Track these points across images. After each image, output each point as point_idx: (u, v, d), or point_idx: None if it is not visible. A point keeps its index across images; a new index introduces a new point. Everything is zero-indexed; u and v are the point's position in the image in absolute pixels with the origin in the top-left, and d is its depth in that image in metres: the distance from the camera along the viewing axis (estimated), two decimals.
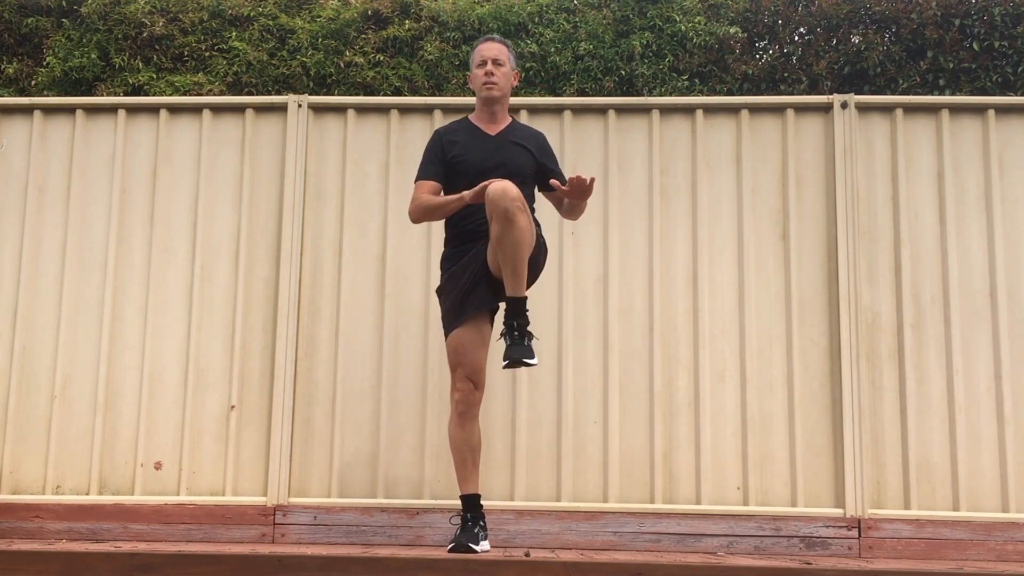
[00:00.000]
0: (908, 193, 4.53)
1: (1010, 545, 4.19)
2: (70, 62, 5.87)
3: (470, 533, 3.62)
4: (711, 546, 4.23)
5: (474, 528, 3.65)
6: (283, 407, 4.42)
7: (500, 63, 3.83)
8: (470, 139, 3.84)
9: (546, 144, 3.95)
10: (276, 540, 4.28)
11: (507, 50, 3.88)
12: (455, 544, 3.57)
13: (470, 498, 3.72)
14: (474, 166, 3.74)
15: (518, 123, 3.99)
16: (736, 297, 4.48)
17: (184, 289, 4.56)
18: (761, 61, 5.86)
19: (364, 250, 4.58)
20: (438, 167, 3.84)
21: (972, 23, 5.60)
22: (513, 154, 3.80)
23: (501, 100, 3.87)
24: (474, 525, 3.66)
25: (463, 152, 3.80)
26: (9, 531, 4.30)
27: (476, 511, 3.71)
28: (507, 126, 3.90)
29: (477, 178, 3.61)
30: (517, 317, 3.54)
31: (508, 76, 3.87)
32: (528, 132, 3.96)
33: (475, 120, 3.91)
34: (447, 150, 3.83)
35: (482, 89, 3.83)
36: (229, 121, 4.69)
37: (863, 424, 4.33)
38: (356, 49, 5.87)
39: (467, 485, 3.72)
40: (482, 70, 3.82)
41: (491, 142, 3.83)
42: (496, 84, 3.81)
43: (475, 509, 3.71)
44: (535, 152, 3.85)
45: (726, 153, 4.61)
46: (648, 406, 4.42)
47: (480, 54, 3.85)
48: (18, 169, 4.69)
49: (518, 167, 3.77)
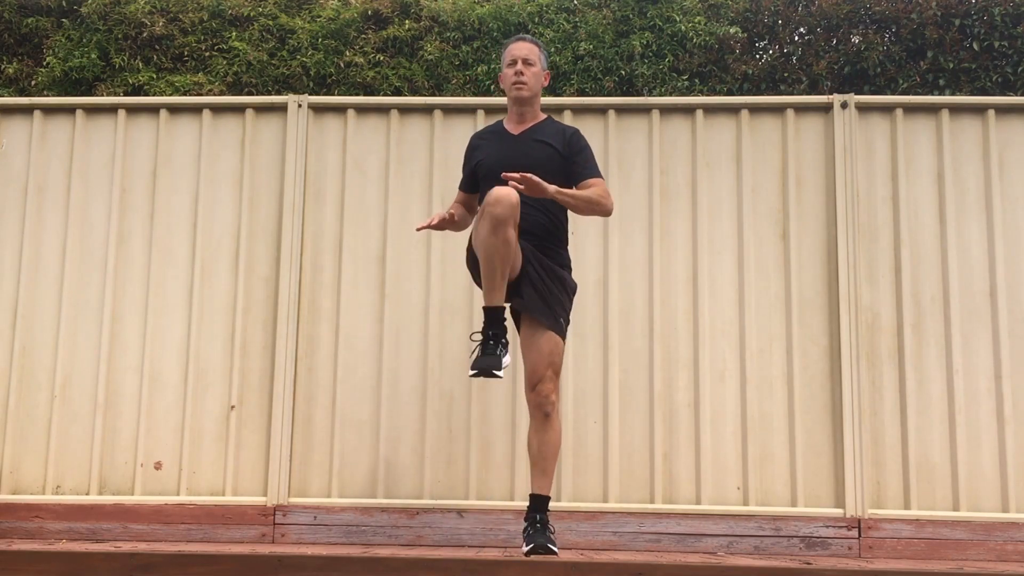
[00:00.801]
0: (908, 193, 4.53)
1: (1010, 545, 4.19)
2: (70, 62, 5.87)
3: (492, 355, 3.47)
4: (711, 546, 4.23)
5: (496, 348, 3.49)
6: (283, 407, 4.42)
7: (530, 63, 3.79)
8: (494, 141, 3.83)
9: (576, 139, 3.79)
10: (276, 540, 4.28)
11: (538, 50, 3.84)
12: (477, 367, 3.47)
13: (494, 311, 3.50)
14: (491, 168, 3.71)
15: (551, 121, 3.89)
16: (736, 297, 4.48)
17: (184, 289, 4.56)
18: (761, 61, 5.86)
19: (364, 250, 4.58)
20: (465, 176, 3.88)
21: (972, 23, 5.60)
22: (531, 152, 3.72)
23: (531, 100, 3.81)
24: (496, 344, 3.50)
25: (484, 155, 3.79)
26: (9, 531, 4.30)
27: (499, 326, 3.51)
28: (533, 125, 3.83)
29: (494, 180, 3.57)
30: (492, 326, 3.51)
31: (538, 76, 3.82)
32: (555, 128, 3.83)
33: (506, 122, 3.90)
34: (472, 156, 3.85)
35: (511, 89, 3.79)
36: (229, 121, 4.69)
37: (863, 424, 4.33)
38: (356, 49, 5.87)
39: (493, 296, 3.48)
40: (512, 70, 3.78)
41: (511, 142, 3.79)
42: (526, 84, 3.77)
43: (498, 324, 3.51)
44: (560, 148, 3.74)
45: (726, 153, 4.61)
46: (648, 406, 4.42)
47: (511, 54, 3.82)
48: (18, 169, 4.69)
49: (535, 163, 3.65)
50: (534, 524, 3.48)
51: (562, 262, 3.72)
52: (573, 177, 3.72)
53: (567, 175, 3.71)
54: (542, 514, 3.51)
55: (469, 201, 3.87)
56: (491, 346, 3.48)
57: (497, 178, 3.53)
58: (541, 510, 3.52)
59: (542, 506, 3.53)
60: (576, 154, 3.74)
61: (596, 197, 3.65)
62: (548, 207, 3.65)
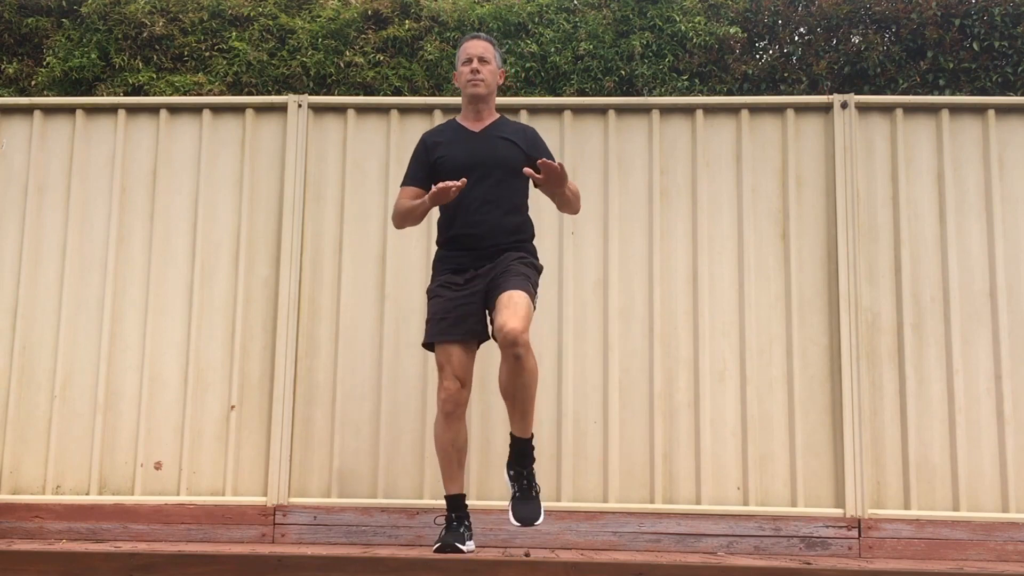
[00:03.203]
0: (908, 193, 4.53)
1: (1010, 545, 4.18)
2: (70, 62, 5.87)
3: (456, 533, 3.62)
4: (711, 546, 4.23)
5: (459, 528, 3.65)
6: (283, 407, 4.42)
7: (486, 60, 3.82)
8: (454, 138, 3.84)
9: (537, 138, 3.90)
10: (276, 540, 4.28)
11: (492, 48, 3.88)
12: (441, 544, 3.55)
13: (455, 498, 3.71)
14: (456, 163, 3.73)
15: (507, 119, 3.96)
16: (736, 297, 4.48)
17: (184, 289, 4.56)
18: (761, 61, 5.86)
19: (364, 250, 4.58)
20: (420, 172, 3.85)
21: (972, 23, 5.60)
22: (497, 148, 3.77)
23: (487, 97, 3.85)
24: (459, 525, 3.66)
25: (446, 151, 3.79)
26: (9, 531, 4.30)
27: (461, 511, 3.71)
28: (493, 122, 3.88)
29: (460, 175, 3.62)
30: (524, 464, 3.61)
31: (494, 73, 3.86)
32: (516, 126, 3.92)
33: (461, 119, 3.91)
34: (431, 153, 3.83)
35: (467, 86, 3.82)
36: (229, 121, 4.69)
37: (863, 424, 4.33)
38: (356, 49, 5.87)
39: (452, 485, 3.71)
40: (468, 67, 3.81)
41: (475, 139, 3.81)
42: (482, 81, 3.80)
43: (460, 509, 3.71)
44: (523, 145, 3.80)
45: (726, 153, 4.61)
46: (648, 406, 4.42)
47: (465, 52, 3.84)
48: (18, 169, 4.69)
49: (502, 160, 3.74)
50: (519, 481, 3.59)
51: (531, 252, 3.82)
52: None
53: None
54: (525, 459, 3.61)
55: (419, 196, 3.82)
56: (455, 526, 3.64)
57: (462, 173, 3.63)
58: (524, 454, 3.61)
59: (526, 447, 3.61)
60: (539, 151, 3.83)
61: (577, 192, 3.85)
62: (519, 207, 3.79)
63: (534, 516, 3.55)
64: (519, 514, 3.55)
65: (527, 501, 3.57)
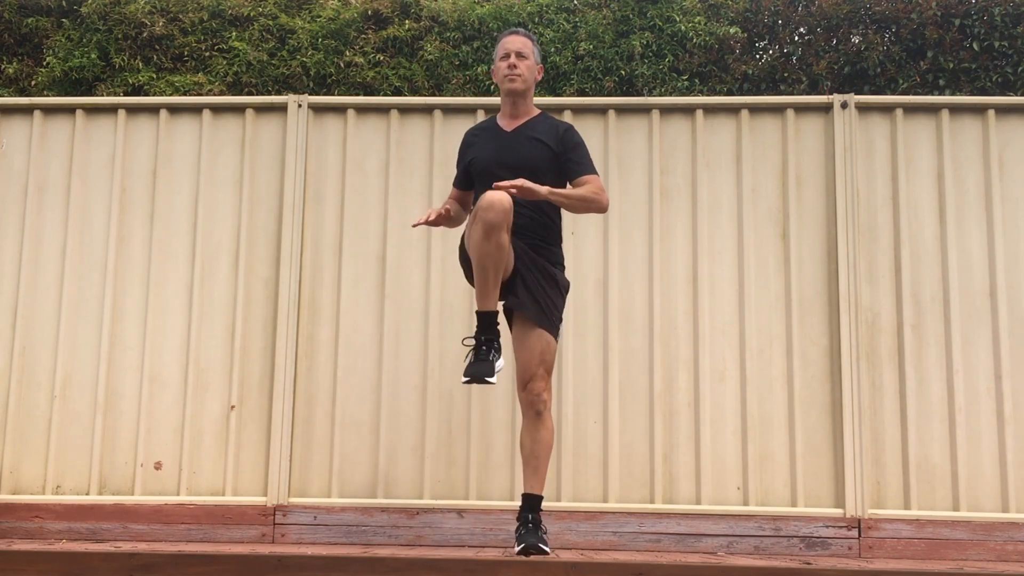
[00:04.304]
0: (908, 193, 4.53)
1: (1010, 545, 4.19)
2: (70, 62, 5.87)
3: (485, 363, 3.48)
4: (711, 546, 4.23)
5: (488, 353, 3.50)
6: (283, 407, 4.42)
7: (523, 56, 3.75)
8: (487, 138, 3.80)
9: (569, 135, 3.74)
10: (276, 540, 4.28)
11: (531, 43, 3.82)
12: (470, 376, 3.48)
13: (487, 316, 3.50)
14: (484, 164, 3.71)
15: (545, 116, 3.85)
16: (736, 297, 4.48)
17: (184, 289, 4.56)
18: (761, 61, 5.86)
19: (364, 250, 4.58)
20: (460, 173, 3.87)
21: (972, 23, 5.60)
22: (523, 150, 3.69)
23: (524, 93, 3.77)
24: (488, 350, 3.50)
25: (477, 153, 3.78)
26: (9, 531, 4.30)
27: (492, 331, 3.51)
28: (527, 121, 3.79)
29: (486, 178, 3.58)
30: (485, 331, 3.52)
31: (532, 69, 3.78)
32: (549, 124, 3.78)
33: (499, 117, 3.86)
34: (466, 154, 3.83)
35: (504, 81, 3.75)
36: (229, 121, 4.70)
37: (863, 424, 4.33)
38: (356, 49, 5.87)
39: (487, 301, 3.48)
40: (505, 62, 3.75)
41: (504, 139, 3.76)
42: (519, 76, 3.73)
43: (491, 329, 3.51)
44: (552, 144, 3.70)
45: (726, 153, 4.61)
46: (648, 406, 4.42)
47: (504, 47, 3.78)
48: (18, 169, 4.69)
49: (525, 162, 3.64)
50: (526, 524, 3.48)
51: (555, 260, 3.71)
52: (567, 174, 3.70)
53: (560, 172, 3.70)
54: (534, 513, 3.50)
55: (463, 198, 3.87)
56: (483, 352, 3.49)
57: (490, 176, 3.55)
58: (533, 510, 3.51)
59: (534, 506, 3.53)
60: (570, 151, 3.71)
61: (590, 195, 3.63)
62: (541, 205, 3.64)
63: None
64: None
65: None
